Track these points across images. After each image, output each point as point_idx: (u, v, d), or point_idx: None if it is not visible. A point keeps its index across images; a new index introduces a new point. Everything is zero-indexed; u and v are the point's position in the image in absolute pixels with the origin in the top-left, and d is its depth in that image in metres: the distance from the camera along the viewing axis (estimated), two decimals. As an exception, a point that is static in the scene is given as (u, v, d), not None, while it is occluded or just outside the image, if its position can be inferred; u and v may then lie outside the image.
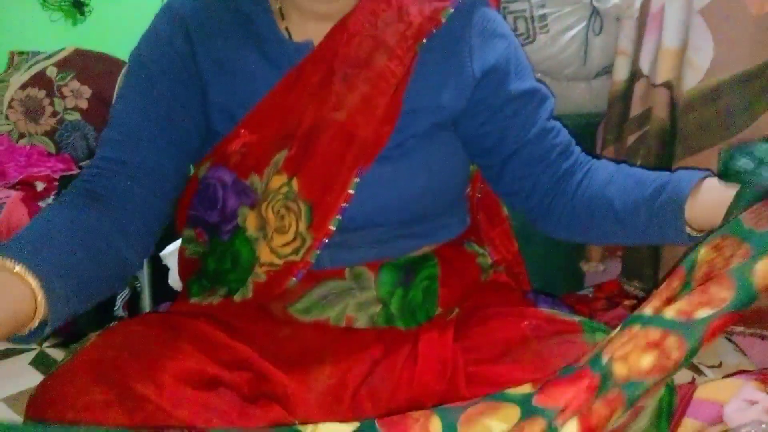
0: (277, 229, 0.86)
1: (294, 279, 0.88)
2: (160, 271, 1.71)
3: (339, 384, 0.83)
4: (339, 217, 0.86)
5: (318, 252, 0.87)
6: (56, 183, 2.01)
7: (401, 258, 0.92)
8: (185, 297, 0.97)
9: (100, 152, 0.88)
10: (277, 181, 0.86)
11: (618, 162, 0.94)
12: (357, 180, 0.85)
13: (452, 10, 0.88)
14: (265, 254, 0.87)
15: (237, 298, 0.90)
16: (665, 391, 0.71)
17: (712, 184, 0.78)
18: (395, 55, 0.85)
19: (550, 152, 0.92)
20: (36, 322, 0.64)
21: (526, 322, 0.85)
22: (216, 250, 0.92)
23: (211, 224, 0.92)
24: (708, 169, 0.82)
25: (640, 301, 1.61)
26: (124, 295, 1.95)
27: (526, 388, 0.67)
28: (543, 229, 0.98)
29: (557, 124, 0.95)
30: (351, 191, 0.85)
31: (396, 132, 0.87)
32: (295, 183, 0.85)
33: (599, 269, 1.68)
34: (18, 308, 0.62)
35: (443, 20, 0.87)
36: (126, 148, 0.86)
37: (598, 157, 0.95)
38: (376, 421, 0.65)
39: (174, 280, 1.39)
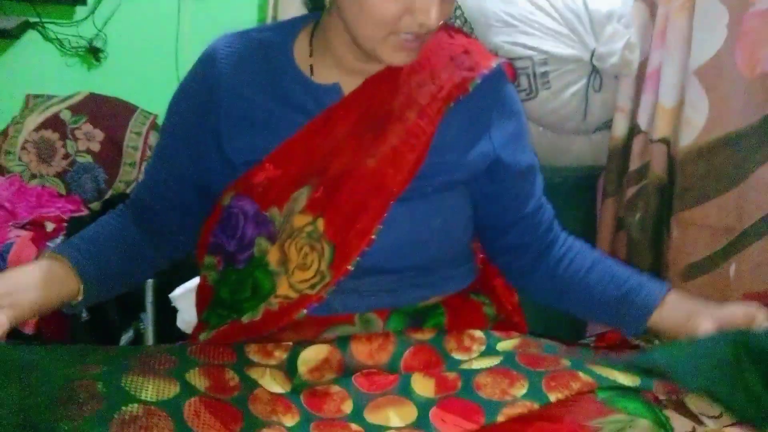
0: (299, 266, 0.90)
1: (304, 311, 0.91)
2: (164, 313, 1.74)
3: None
4: (359, 258, 0.90)
5: (333, 288, 0.91)
6: (65, 224, 2.04)
7: (410, 306, 0.96)
8: (201, 329, 1.00)
9: (138, 188, 1.07)
10: (302, 220, 0.90)
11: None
12: (380, 227, 0.90)
13: (479, 82, 0.94)
14: (283, 287, 0.91)
15: (245, 319, 0.93)
16: None
17: (674, 303, 0.94)
18: (426, 114, 0.92)
19: (540, 226, 1.01)
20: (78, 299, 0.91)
21: None
22: (229, 278, 0.96)
23: (229, 252, 0.96)
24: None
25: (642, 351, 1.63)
26: (128, 336, 1.97)
27: (428, 391, 0.85)
28: (519, 288, 1.09)
29: (545, 199, 1.03)
30: (373, 236, 0.90)
31: (416, 179, 0.92)
32: (320, 223, 0.90)
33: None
34: (66, 295, 0.89)
35: (470, 89, 0.93)
36: (153, 191, 1.02)
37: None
38: None
39: (182, 321, 1.41)
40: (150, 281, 1.95)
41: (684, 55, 1.44)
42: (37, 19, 2.41)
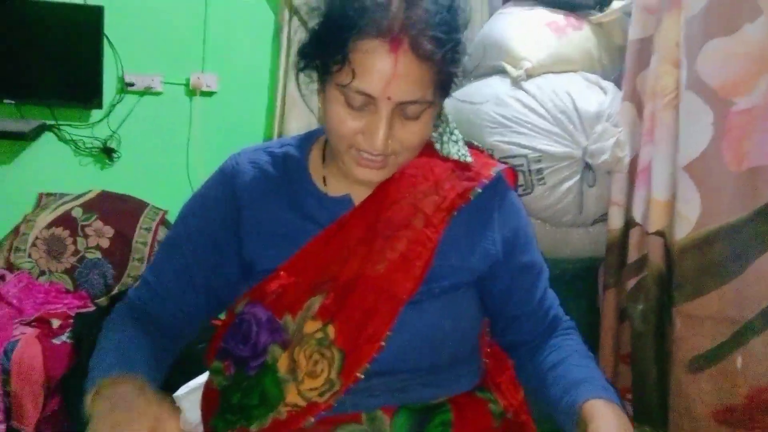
0: (308, 373, 0.92)
1: (312, 419, 0.92)
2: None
3: None
4: (368, 365, 0.91)
5: (342, 396, 0.91)
6: (71, 320, 2.05)
7: (417, 404, 0.96)
8: None
9: (138, 287, 1.02)
10: (312, 326, 0.92)
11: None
12: (389, 333, 0.92)
13: (480, 191, 0.98)
14: (292, 395, 0.92)
15: (254, 428, 0.94)
16: None
17: (599, 414, 0.87)
18: (431, 222, 0.95)
19: (543, 321, 1.04)
20: None
21: None
22: (240, 384, 0.97)
23: (241, 358, 0.97)
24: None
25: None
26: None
27: None
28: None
29: (552, 295, 1.06)
30: (383, 343, 0.92)
31: (424, 283, 0.95)
32: (330, 330, 0.91)
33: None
34: None
35: (472, 198, 0.97)
36: (157, 294, 1.00)
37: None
38: None
39: (185, 422, 1.40)
40: (154, 377, 1.95)
41: (673, 151, 1.49)
42: (53, 122, 2.51)
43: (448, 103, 1.00)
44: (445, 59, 0.86)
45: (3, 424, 1.83)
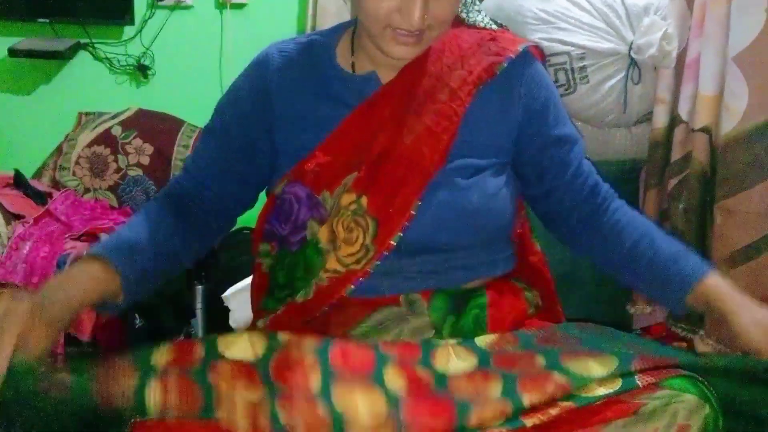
0: (345, 240, 0.96)
1: (351, 287, 0.96)
2: (215, 317, 1.79)
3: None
4: (401, 233, 0.95)
5: (377, 263, 0.95)
6: (118, 234, 2.11)
7: (453, 288, 0.99)
8: (258, 317, 1.05)
9: (180, 175, 1.08)
10: (347, 198, 0.96)
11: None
12: (419, 202, 0.95)
13: (506, 65, 0.99)
14: (331, 262, 0.97)
15: (299, 298, 0.98)
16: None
17: (715, 288, 0.94)
18: (457, 96, 0.98)
19: (580, 193, 1.04)
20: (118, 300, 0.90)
21: None
22: (284, 261, 1.02)
23: (282, 236, 1.02)
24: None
25: (689, 342, 1.62)
26: (180, 340, 2.03)
27: (400, 387, 0.81)
28: (568, 246, 1.10)
29: (588, 165, 1.06)
30: (413, 212, 0.95)
31: (451, 158, 0.97)
32: (364, 201, 0.96)
33: (646, 311, 1.70)
34: (108, 295, 0.88)
35: (497, 73, 0.99)
36: (196, 181, 1.04)
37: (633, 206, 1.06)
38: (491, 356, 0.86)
39: (235, 321, 1.46)
40: (200, 288, 2.01)
41: (722, 43, 1.45)
42: (87, 40, 2.52)
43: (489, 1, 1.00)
44: None
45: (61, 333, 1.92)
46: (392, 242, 0.95)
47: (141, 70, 2.55)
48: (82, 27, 2.49)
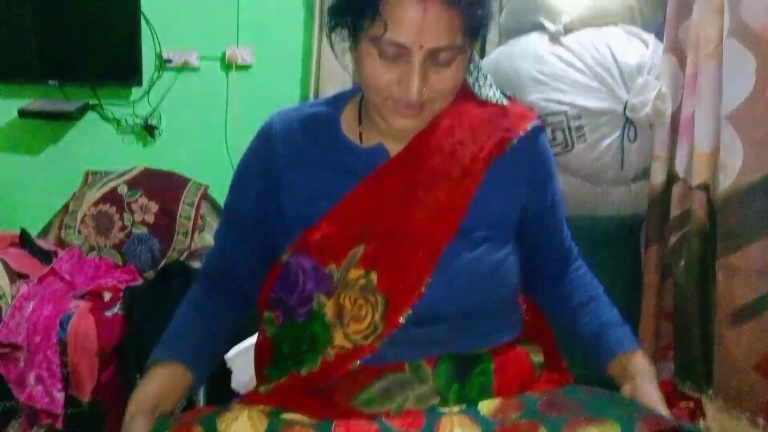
0: (353, 317, 0.95)
1: (358, 362, 0.95)
2: (215, 378, 1.77)
3: None
4: (410, 311, 0.94)
5: (385, 340, 0.94)
6: (121, 293, 2.11)
7: (458, 353, 0.98)
8: (261, 383, 1.04)
9: (212, 252, 1.14)
10: (355, 273, 0.95)
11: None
12: (429, 279, 0.95)
13: (516, 143, 1.01)
14: (339, 338, 0.96)
15: (304, 371, 0.97)
16: None
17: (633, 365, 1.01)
18: (470, 173, 0.98)
19: (560, 253, 1.12)
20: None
21: None
22: (290, 332, 1.01)
23: (289, 306, 1.01)
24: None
25: (696, 402, 1.59)
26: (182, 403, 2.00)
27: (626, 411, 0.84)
28: (525, 292, 1.14)
29: (566, 226, 1.12)
30: (424, 289, 0.95)
31: (462, 232, 0.98)
32: (373, 276, 0.95)
33: (651, 370, 1.67)
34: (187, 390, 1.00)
35: (508, 150, 1.00)
36: (227, 260, 1.09)
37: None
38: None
39: (237, 382, 1.44)
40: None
41: (715, 101, 1.47)
42: (96, 101, 2.57)
43: (487, 61, 1.02)
44: (471, 3, 0.90)
45: (62, 392, 1.91)
46: (402, 320, 0.94)
47: (148, 130, 2.60)
48: (91, 88, 2.55)
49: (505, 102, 1.03)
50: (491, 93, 1.02)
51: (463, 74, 0.98)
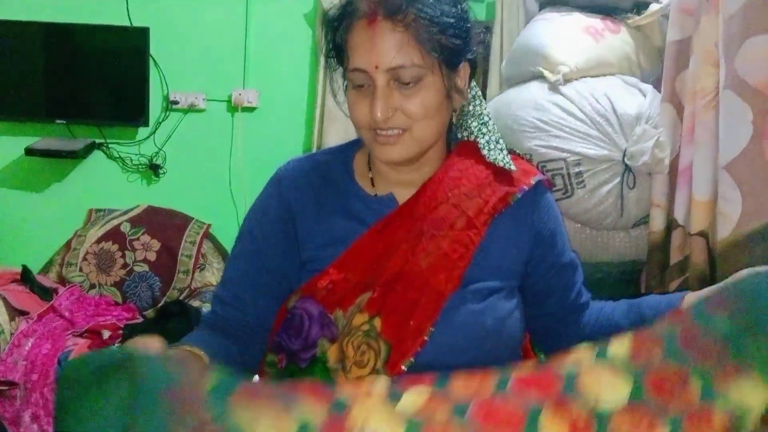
0: (356, 363, 0.95)
1: None
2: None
3: None
4: (412, 359, 0.94)
5: None
6: (120, 331, 2.11)
7: None
8: None
9: (214, 307, 1.04)
10: (360, 319, 0.96)
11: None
12: (432, 328, 0.95)
13: (519, 196, 1.02)
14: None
15: None
16: None
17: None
18: (473, 225, 0.99)
19: (573, 311, 1.07)
20: None
21: None
22: (292, 376, 1.01)
23: (292, 351, 1.01)
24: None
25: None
26: None
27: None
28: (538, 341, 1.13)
29: (584, 290, 1.09)
30: (426, 337, 0.95)
31: (466, 283, 0.97)
32: (377, 323, 0.96)
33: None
34: None
35: (511, 203, 1.01)
36: (237, 308, 1.02)
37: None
38: None
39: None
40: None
41: (713, 151, 1.49)
42: (102, 140, 2.61)
43: (488, 109, 1.04)
44: (417, 19, 0.90)
45: None
46: (404, 367, 0.94)
47: (153, 169, 2.63)
48: (97, 127, 2.59)
49: (513, 168, 1.02)
50: (500, 156, 1.03)
51: (438, 98, 0.96)
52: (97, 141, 2.61)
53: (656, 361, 0.80)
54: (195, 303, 2.29)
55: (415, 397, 0.77)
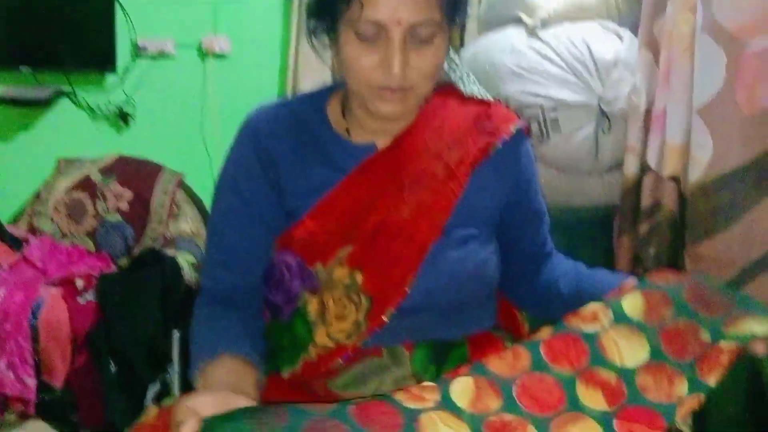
0: (337, 316, 0.95)
1: (340, 360, 0.96)
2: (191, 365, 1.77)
3: None
4: (393, 310, 0.94)
5: (367, 338, 0.95)
6: (94, 281, 2.09)
7: (435, 340, 1.00)
8: None
9: (214, 272, 1.00)
10: (340, 272, 0.94)
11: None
12: (414, 279, 0.95)
13: (500, 146, 1.01)
14: (321, 337, 0.96)
15: (285, 374, 0.98)
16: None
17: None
18: (455, 175, 0.98)
19: (543, 262, 1.08)
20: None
21: None
22: (275, 329, 1.00)
23: (275, 304, 1.00)
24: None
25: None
26: (155, 388, 2.00)
27: (600, 403, 0.80)
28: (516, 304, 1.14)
29: (548, 236, 1.11)
30: (408, 289, 0.95)
31: (446, 232, 0.97)
32: (358, 276, 0.95)
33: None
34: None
35: (492, 153, 1.00)
36: (235, 270, 0.99)
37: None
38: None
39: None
40: (177, 333, 1.99)
41: (687, 96, 1.51)
42: (69, 88, 2.54)
43: (465, 53, 1.02)
44: None
45: (34, 378, 1.88)
46: (385, 318, 0.94)
47: (122, 118, 2.57)
48: (64, 75, 2.52)
49: (490, 97, 1.03)
50: (475, 89, 1.03)
51: (445, 56, 0.95)
52: (64, 89, 2.54)
53: (668, 320, 0.86)
54: (170, 252, 2.27)
55: (463, 386, 0.80)
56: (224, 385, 0.80)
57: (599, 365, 0.83)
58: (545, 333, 0.86)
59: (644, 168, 1.65)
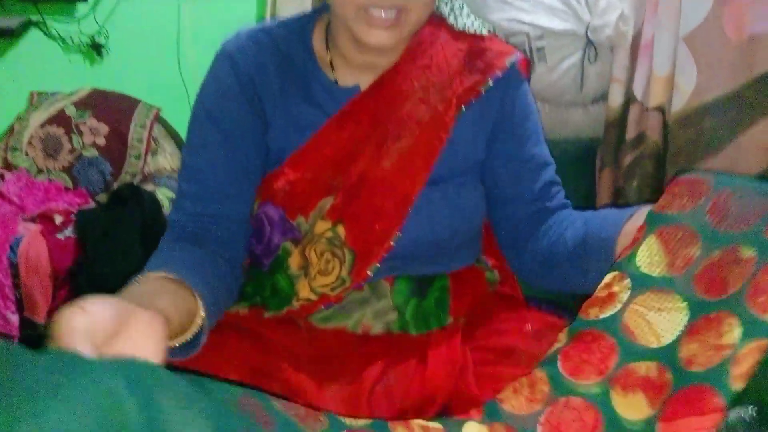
0: (320, 271, 0.93)
1: (323, 308, 0.95)
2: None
3: (356, 386, 0.90)
4: (378, 264, 0.93)
5: (351, 290, 0.94)
6: (73, 216, 2.07)
7: (416, 275, 0.99)
8: None
9: (183, 204, 0.91)
10: (322, 225, 0.92)
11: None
12: (399, 234, 0.93)
13: (491, 84, 0.94)
14: (303, 290, 0.95)
15: (268, 315, 0.97)
16: None
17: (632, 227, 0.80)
18: (442, 122, 0.92)
19: (548, 217, 0.97)
20: (190, 335, 0.70)
21: (528, 326, 0.92)
22: (254, 278, 0.99)
23: (255, 255, 0.98)
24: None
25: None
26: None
27: (642, 410, 0.63)
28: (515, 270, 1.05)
29: (557, 185, 1.00)
30: (392, 243, 0.92)
31: (431, 182, 0.93)
32: (341, 230, 0.91)
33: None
34: (186, 317, 0.69)
35: (482, 93, 0.94)
36: (206, 202, 0.90)
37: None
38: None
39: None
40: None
41: (675, 24, 1.48)
42: (39, 18, 2.44)
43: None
44: None
45: (16, 314, 1.88)
46: (369, 272, 0.92)
47: (95, 49, 2.49)
48: (32, 3, 2.41)
49: (485, 31, 0.97)
50: (469, 23, 0.97)
51: None
52: (34, 18, 2.45)
53: (699, 259, 0.67)
54: (149, 187, 2.24)
55: None
56: (131, 298, 0.61)
57: (633, 359, 0.66)
58: (560, 340, 0.72)
59: (629, 99, 1.63)
